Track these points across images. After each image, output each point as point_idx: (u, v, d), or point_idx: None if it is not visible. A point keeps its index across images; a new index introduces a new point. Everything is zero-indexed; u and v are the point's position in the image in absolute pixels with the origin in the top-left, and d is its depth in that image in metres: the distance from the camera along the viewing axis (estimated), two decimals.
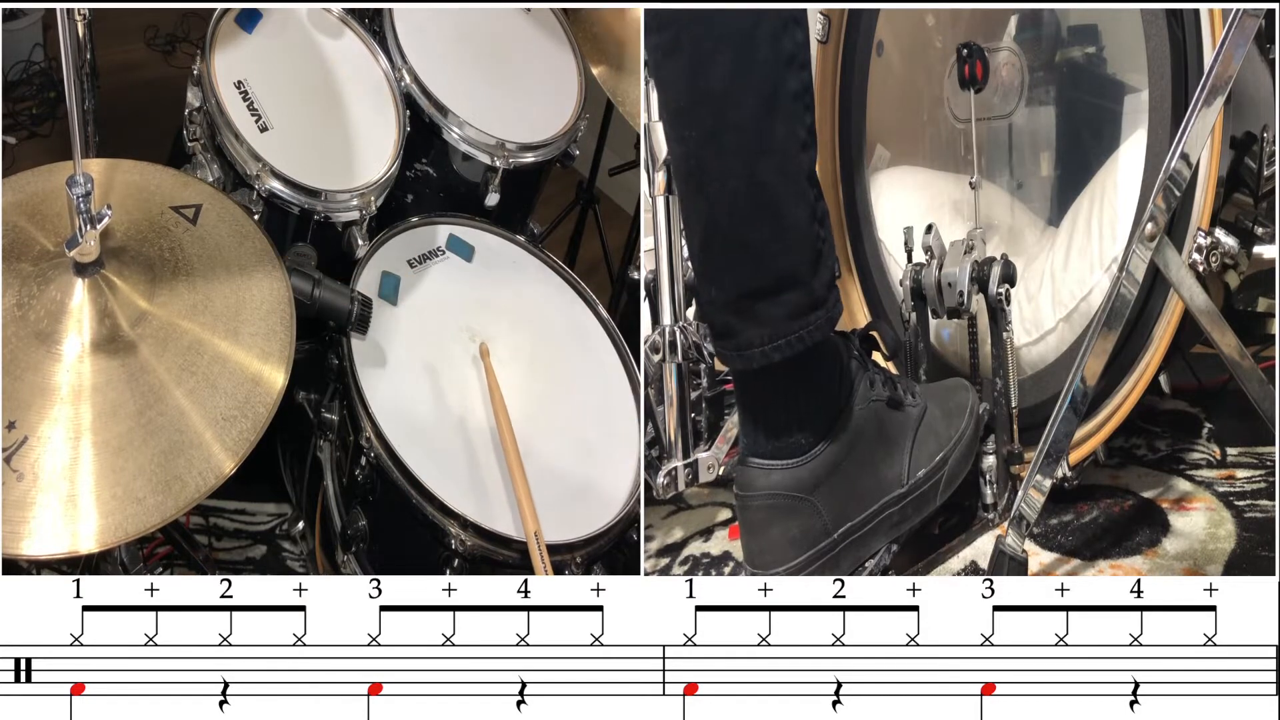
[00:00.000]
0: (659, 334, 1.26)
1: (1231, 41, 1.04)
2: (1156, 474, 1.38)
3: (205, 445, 1.03)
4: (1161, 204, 1.07)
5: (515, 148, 1.66)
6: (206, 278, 1.13)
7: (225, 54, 1.52)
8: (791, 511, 1.13)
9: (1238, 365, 1.10)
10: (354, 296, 1.35)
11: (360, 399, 1.33)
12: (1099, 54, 1.32)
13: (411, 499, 1.29)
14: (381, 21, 1.67)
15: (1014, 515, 1.14)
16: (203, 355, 1.07)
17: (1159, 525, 1.27)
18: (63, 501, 0.98)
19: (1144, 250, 1.08)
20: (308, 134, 1.53)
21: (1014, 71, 1.39)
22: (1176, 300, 1.14)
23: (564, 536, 1.30)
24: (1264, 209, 1.15)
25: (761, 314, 1.07)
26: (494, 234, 1.63)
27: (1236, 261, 1.15)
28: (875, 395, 1.17)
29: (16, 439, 1.00)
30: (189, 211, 1.18)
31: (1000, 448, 1.30)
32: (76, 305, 1.07)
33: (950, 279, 1.30)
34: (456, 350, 1.46)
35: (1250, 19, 1.04)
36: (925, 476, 1.20)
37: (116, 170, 1.20)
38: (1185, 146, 1.06)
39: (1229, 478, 1.34)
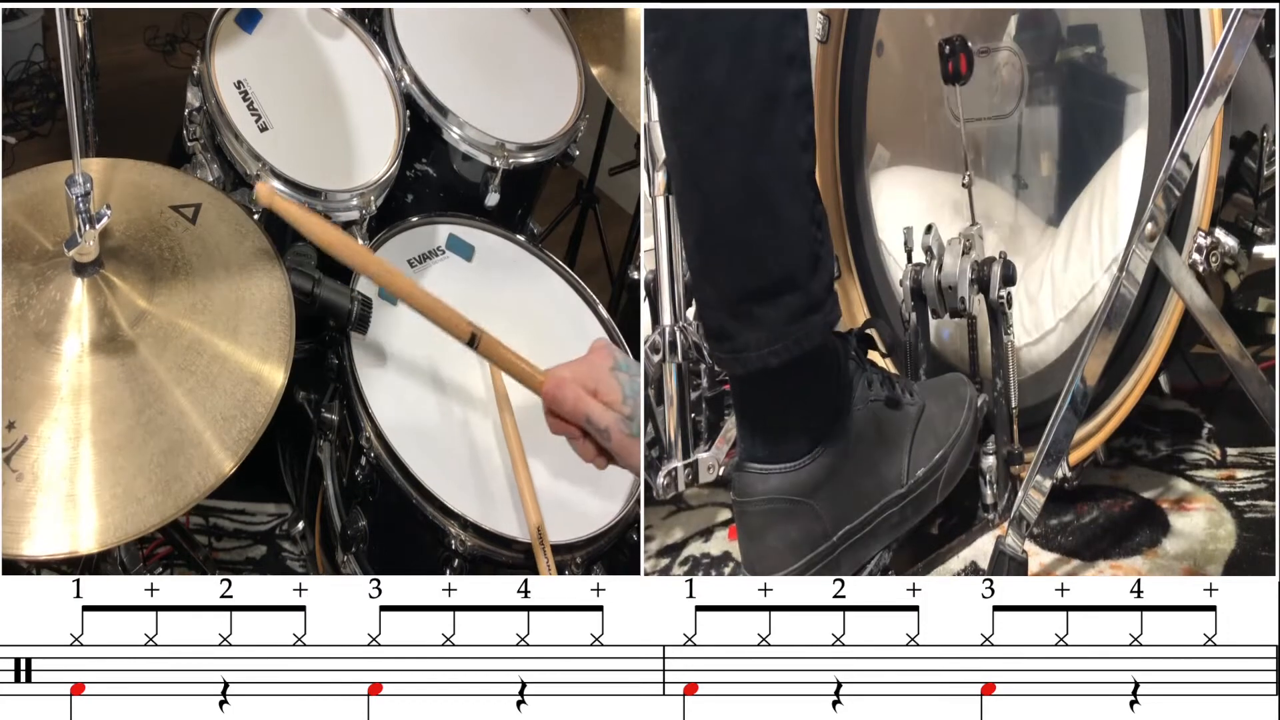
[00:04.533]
0: (659, 334, 1.26)
1: (1231, 41, 1.04)
2: (1156, 474, 1.38)
3: (205, 445, 1.03)
4: (1161, 204, 1.07)
5: (515, 148, 1.66)
6: (206, 277, 1.13)
7: (225, 54, 1.52)
8: (790, 515, 1.12)
9: (1238, 365, 1.10)
10: (354, 296, 1.35)
11: (360, 399, 1.33)
12: (1099, 54, 1.32)
13: (411, 499, 1.29)
14: (381, 21, 1.67)
15: (1014, 515, 1.14)
16: (202, 355, 1.07)
17: (1159, 525, 1.27)
18: (62, 501, 0.98)
19: (1144, 250, 1.08)
20: (308, 134, 1.53)
21: (1014, 71, 1.39)
22: (1176, 300, 1.14)
23: (564, 536, 1.30)
24: (1264, 209, 1.15)
25: (758, 317, 1.07)
26: (494, 234, 1.62)
27: (1236, 261, 1.15)
28: (873, 395, 1.17)
29: (16, 439, 1.00)
30: (188, 211, 1.18)
31: (1000, 448, 1.30)
32: (76, 305, 1.07)
33: (950, 281, 1.29)
34: (457, 350, 1.45)
35: (1250, 19, 1.04)
36: (925, 475, 1.19)
37: (116, 170, 1.20)
38: (1185, 146, 1.06)
39: (1229, 478, 1.34)
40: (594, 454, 1.10)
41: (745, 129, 1.03)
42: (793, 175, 1.05)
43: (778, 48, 1.02)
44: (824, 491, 1.13)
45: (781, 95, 1.03)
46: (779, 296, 1.07)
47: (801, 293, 1.07)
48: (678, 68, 1.03)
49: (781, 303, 1.07)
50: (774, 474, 1.12)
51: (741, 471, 1.13)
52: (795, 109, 1.04)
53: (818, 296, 1.08)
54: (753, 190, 1.04)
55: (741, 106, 1.02)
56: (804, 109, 1.05)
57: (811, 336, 1.08)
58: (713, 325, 1.11)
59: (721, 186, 1.05)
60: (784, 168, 1.05)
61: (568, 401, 1.07)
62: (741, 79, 1.02)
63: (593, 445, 1.10)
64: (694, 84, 1.03)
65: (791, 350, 1.07)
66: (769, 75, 1.02)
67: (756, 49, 1.02)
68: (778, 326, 1.07)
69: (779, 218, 1.05)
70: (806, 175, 1.06)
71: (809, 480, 1.12)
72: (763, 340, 1.07)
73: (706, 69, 1.02)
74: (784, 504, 1.12)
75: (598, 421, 1.06)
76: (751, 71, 1.02)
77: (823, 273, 1.08)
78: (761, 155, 1.04)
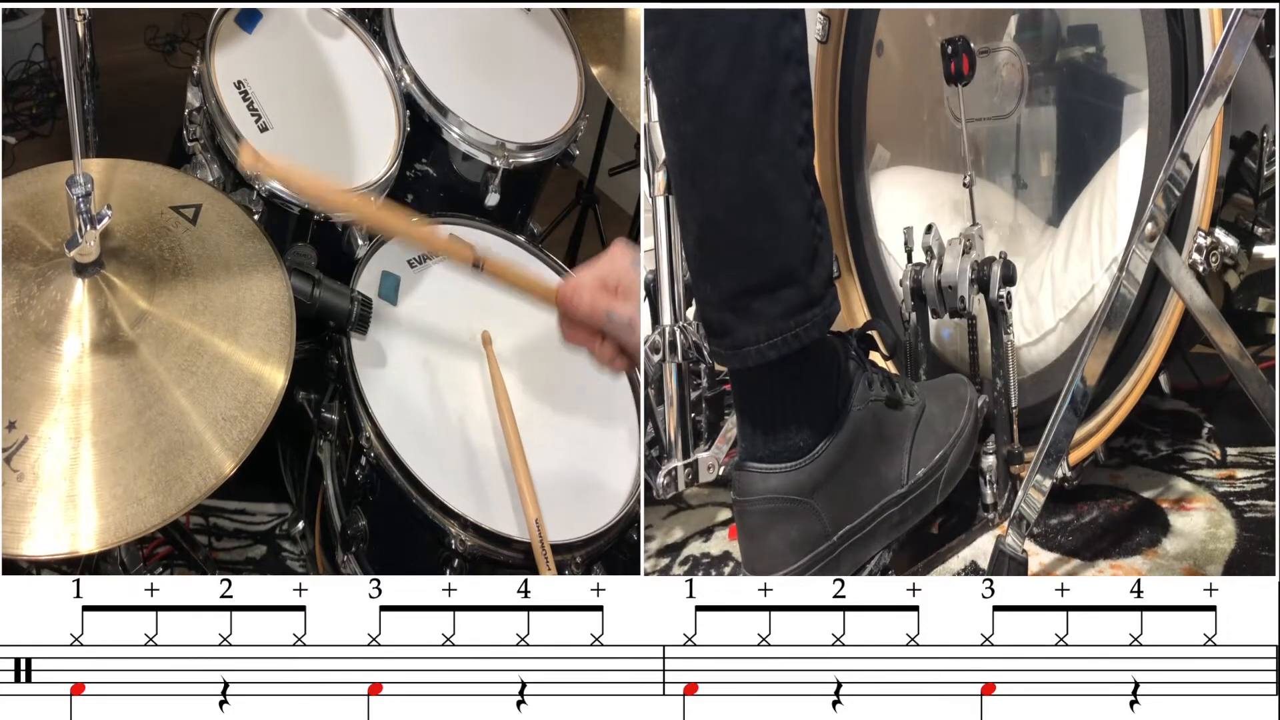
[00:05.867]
0: (659, 334, 1.26)
1: (1231, 41, 1.04)
2: (1156, 474, 1.38)
3: (205, 445, 1.03)
4: (1161, 204, 1.07)
5: (515, 148, 1.66)
6: (206, 278, 1.13)
7: (225, 54, 1.52)
8: (791, 515, 1.12)
9: (1238, 365, 1.10)
10: (354, 296, 1.35)
11: (360, 399, 1.33)
12: (1099, 54, 1.32)
13: (411, 499, 1.29)
14: (381, 21, 1.67)
15: (1014, 515, 1.14)
16: (203, 355, 1.07)
17: (1159, 525, 1.27)
18: (63, 501, 0.98)
19: (1144, 250, 1.08)
20: (308, 134, 1.53)
21: (1014, 71, 1.39)
22: (1176, 300, 1.14)
23: (564, 536, 1.30)
24: (1264, 209, 1.15)
25: (757, 312, 1.07)
26: (494, 234, 1.63)
27: (1236, 261, 1.15)
28: (874, 395, 1.17)
29: (16, 439, 1.00)
30: (189, 211, 1.18)
31: (1000, 448, 1.30)
32: (76, 305, 1.07)
33: (950, 281, 1.29)
34: (456, 350, 1.46)
35: (1250, 19, 1.04)
36: (925, 475, 1.19)
37: (116, 170, 1.20)
38: (1185, 146, 1.06)
39: (1229, 478, 1.34)
40: (613, 355, 1.08)
41: (744, 127, 1.03)
42: (791, 171, 1.06)
43: (776, 46, 1.02)
44: (824, 491, 1.13)
45: (780, 92, 1.03)
46: (778, 291, 1.07)
47: (801, 288, 1.07)
48: (677, 67, 1.03)
49: (780, 297, 1.07)
50: (774, 473, 1.12)
51: (742, 471, 1.13)
52: (793, 106, 1.04)
53: (817, 291, 1.08)
54: (752, 188, 1.04)
55: (741, 105, 1.02)
56: (802, 106, 1.05)
57: (811, 330, 1.08)
58: (712, 321, 1.11)
59: (721, 184, 1.05)
60: (783, 164, 1.05)
61: (584, 304, 1.05)
62: (741, 78, 1.02)
63: (611, 346, 1.08)
64: (693, 83, 1.03)
65: (791, 344, 1.07)
66: (768, 73, 1.03)
67: (756, 47, 1.02)
68: (777, 321, 1.07)
69: (779, 214, 1.05)
70: (805, 171, 1.07)
71: (809, 479, 1.12)
72: (762, 335, 1.07)
73: (706, 68, 1.02)
74: (784, 503, 1.12)
75: (621, 315, 1.04)
76: (751, 70, 1.02)
77: (821, 267, 1.09)
78: (761, 153, 1.04)
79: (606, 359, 1.09)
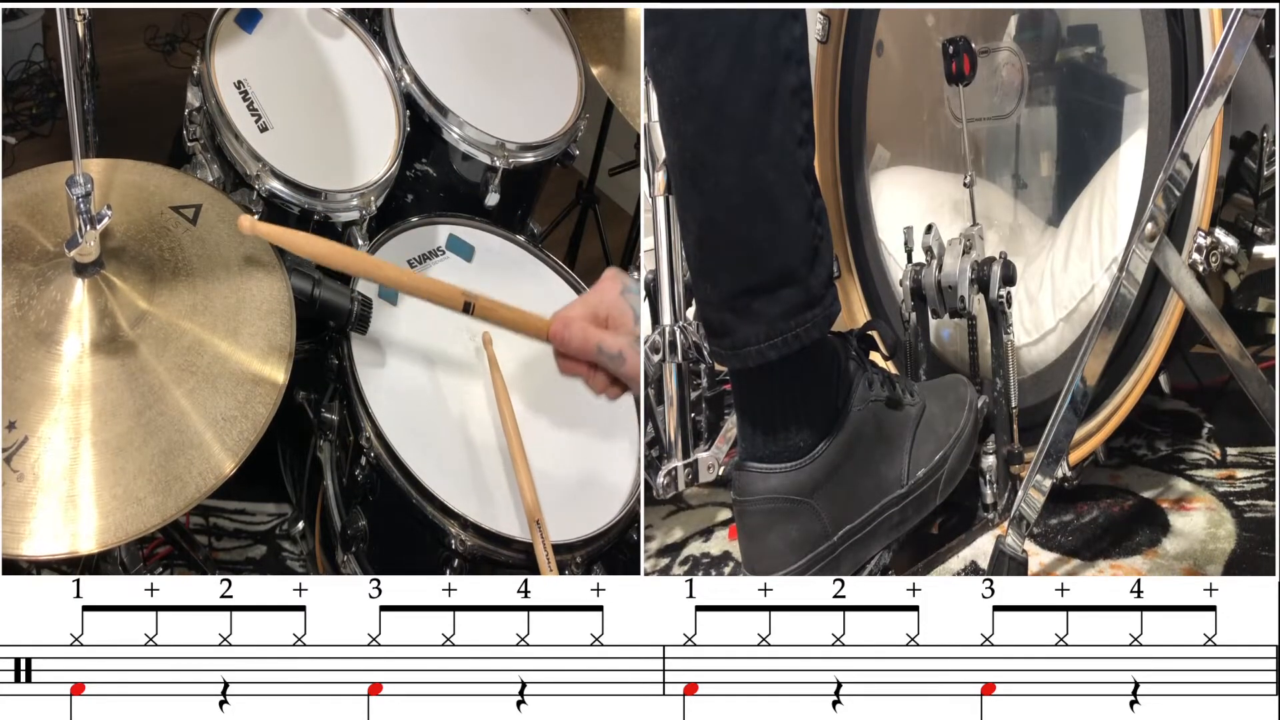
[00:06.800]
0: (659, 334, 1.26)
1: (1231, 41, 1.04)
2: (1156, 474, 1.38)
3: (205, 445, 1.03)
4: (1161, 204, 1.07)
5: (515, 148, 1.66)
6: (206, 278, 1.13)
7: (225, 54, 1.52)
8: (790, 515, 1.12)
9: (1238, 365, 1.10)
10: (354, 296, 1.35)
11: (360, 399, 1.33)
12: (1099, 54, 1.32)
13: (411, 499, 1.29)
14: (381, 21, 1.67)
15: (1014, 515, 1.14)
16: (203, 355, 1.07)
17: (1159, 525, 1.27)
18: (63, 502, 0.98)
19: (1144, 250, 1.08)
20: (308, 134, 1.53)
21: (1014, 71, 1.39)
22: (1176, 300, 1.14)
23: (564, 536, 1.30)
24: (1264, 209, 1.15)
25: (758, 311, 1.07)
26: (494, 234, 1.62)
27: (1236, 261, 1.15)
28: (874, 395, 1.17)
29: (16, 439, 1.00)
30: (189, 211, 1.18)
31: (1000, 448, 1.30)
32: (76, 305, 1.07)
33: (950, 281, 1.30)
34: (456, 350, 1.46)
35: (1250, 19, 1.04)
36: (925, 476, 1.19)
37: (116, 170, 1.20)
38: (1185, 146, 1.06)
39: (1229, 478, 1.34)
40: (606, 384, 1.10)
41: (745, 127, 1.03)
42: (791, 171, 1.06)
43: (776, 45, 1.02)
44: (824, 491, 1.13)
45: (780, 92, 1.03)
46: (778, 291, 1.07)
47: (801, 287, 1.07)
48: (677, 66, 1.03)
49: (781, 297, 1.07)
50: (774, 473, 1.12)
51: (742, 471, 1.13)
52: (794, 106, 1.04)
53: (817, 290, 1.08)
54: (752, 188, 1.05)
55: (741, 105, 1.03)
56: (802, 106, 1.05)
57: (811, 330, 1.08)
58: (712, 321, 1.11)
59: (721, 184, 1.05)
60: (783, 164, 1.05)
61: (575, 339, 1.07)
62: (741, 77, 1.02)
63: (604, 376, 1.09)
64: (694, 83, 1.03)
65: (791, 344, 1.07)
66: (768, 73, 1.03)
67: (756, 47, 1.02)
68: (777, 320, 1.07)
69: (778, 214, 1.06)
70: (805, 170, 1.07)
71: (809, 479, 1.12)
72: (762, 334, 1.07)
73: (706, 68, 1.02)
74: (784, 503, 1.12)
75: (610, 348, 1.06)
76: (751, 70, 1.02)
77: (822, 267, 1.09)
78: (761, 153, 1.04)
79: (600, 388, 1.10)
